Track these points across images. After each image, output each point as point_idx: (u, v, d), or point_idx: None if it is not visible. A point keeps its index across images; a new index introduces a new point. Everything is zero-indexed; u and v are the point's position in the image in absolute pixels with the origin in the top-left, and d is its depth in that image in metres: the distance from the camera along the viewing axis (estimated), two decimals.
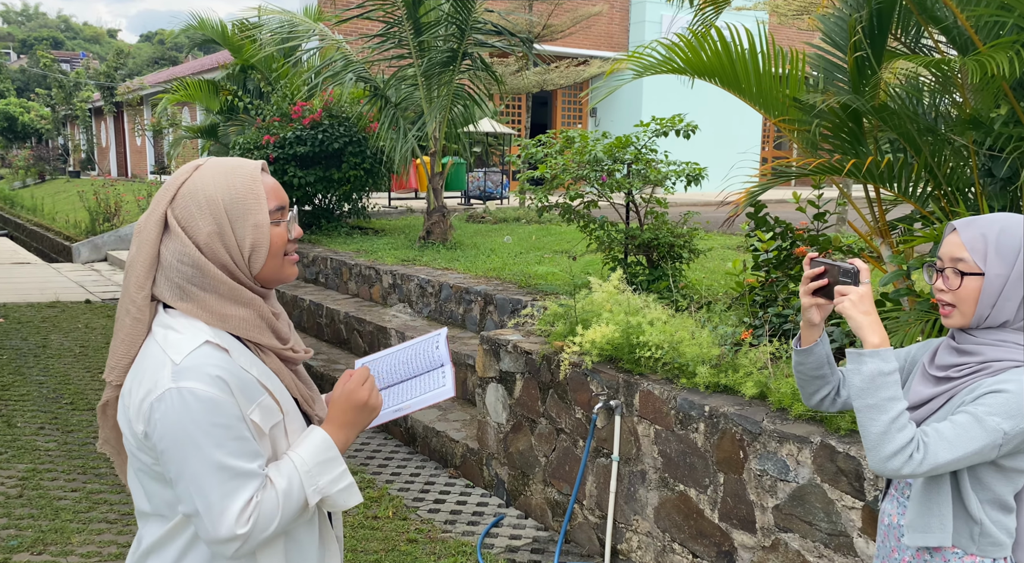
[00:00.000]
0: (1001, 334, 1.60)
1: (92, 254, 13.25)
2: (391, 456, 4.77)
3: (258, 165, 1.41)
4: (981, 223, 1.62)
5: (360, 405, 1.42)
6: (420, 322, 5.99)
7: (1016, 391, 1.51)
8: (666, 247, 5.23)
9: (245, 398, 1.29)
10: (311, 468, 1.33)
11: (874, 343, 1.54)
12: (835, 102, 2.99)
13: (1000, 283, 1.57)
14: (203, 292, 1.33)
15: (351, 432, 1.42)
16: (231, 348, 1.32)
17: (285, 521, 1.31)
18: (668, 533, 3.29)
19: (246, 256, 1.35)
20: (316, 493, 1.33)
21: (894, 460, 1.50)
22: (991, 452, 1.51)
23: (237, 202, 1.34)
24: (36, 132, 32.64)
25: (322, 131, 8.54)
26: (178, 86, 9.67)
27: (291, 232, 1.42)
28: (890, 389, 1.53)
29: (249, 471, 1.27)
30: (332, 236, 8.87)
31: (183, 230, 1.32)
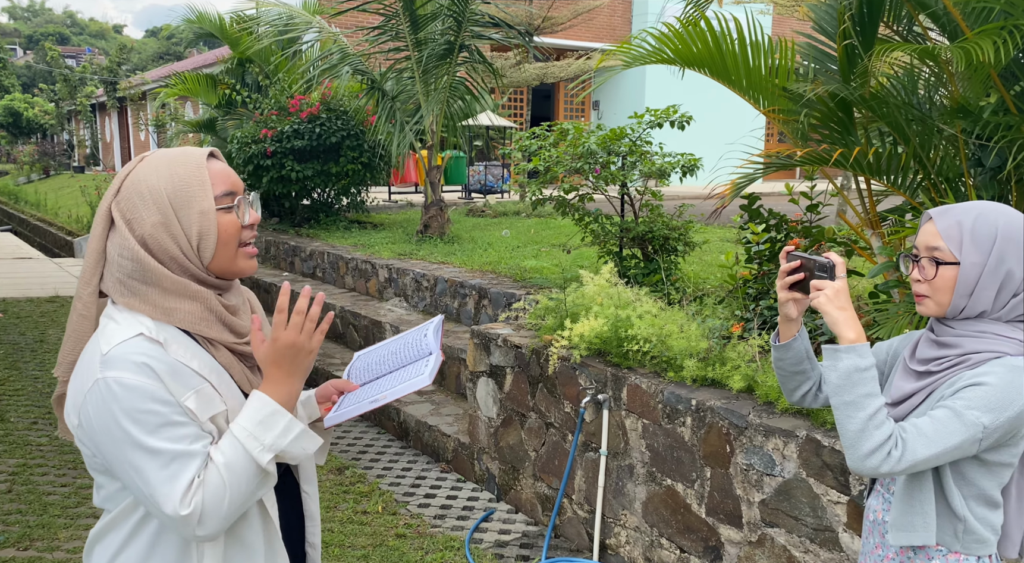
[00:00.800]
0: (980, 325, 1.56)
1: None
2: (384, 450, 4.75)
3: (204, 152, 1.37)
4: (957, 211, 1.58)
5: (287, 348, 1.32)
6: (415, 316, 5.96)
7: (996, 383, 1.47)
8: (660, 240, 5.19)
9: (178, 385, 1.26)
10: (252, 430, 1.29)
11: (850, 339, 1.51)
12: (823, 91, 2.94)
13: (976, 272, 1.53)
14: (145, 286, 1.30)
15: (290, 382, 1.34)
16: (169, 341, 1.29)
17: (240, 492, 1.27)
18: (656, 528, 3.26)
19: (195, 245, 1.32)
20: (266, 451, 1.29)
21: (872, 458, 1.46)
22: (971, 447, 1.47)
23: (181, 190, 1.31)
24: (41, 128, 32.73)
25: (320, 125, 8.51)
26: (176, 80, 9.65)
27: (244, 218, 1.38)
28: (867, 385, 1.49)
29: (187, 452, 1.24)
30: (330, 230, 8.85)
31: (126, 224, 1.30)
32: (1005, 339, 1.54)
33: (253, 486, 1.29)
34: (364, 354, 1.69)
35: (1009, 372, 1.49)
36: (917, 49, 2.35)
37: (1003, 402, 1.46)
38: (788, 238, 3.97)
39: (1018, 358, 1.51)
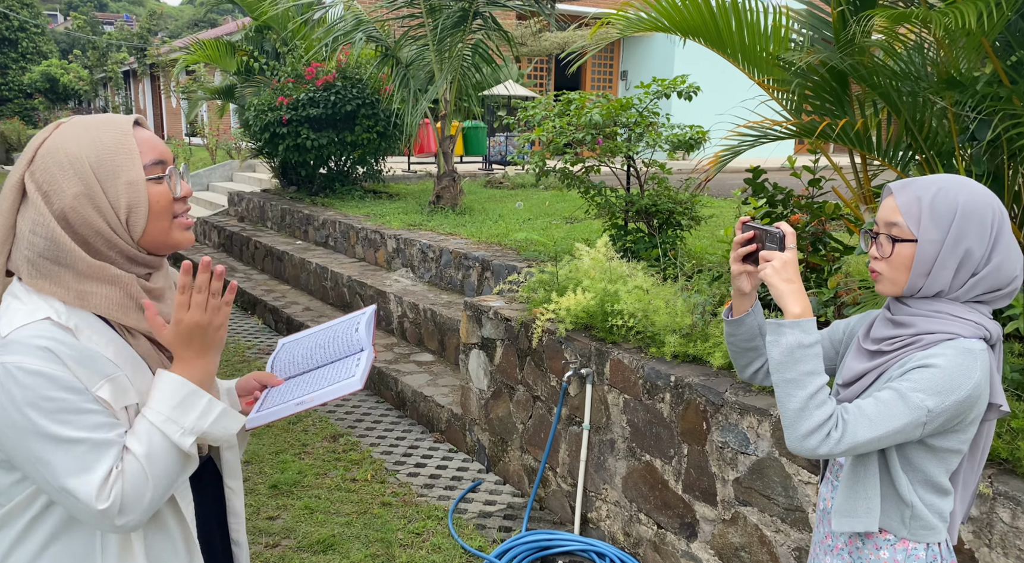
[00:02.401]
0: (936, 304, 1.49)
1: None
2: (380, 419, 4.79)
3: (129, 119, 1.29)
4: (918, 185, 1.50)
5: (192, 328, 1.24)
6: (420, 287, 5.97)
7: (944, 366, 1.41)
8: (665, 214, 5.11)
9: (89, 372, 1.18)
10: (168, 414, 1.21)
11: (795, 313, 1.45)
12: (815, 60, 2.84)
13: (934, 250, 1.45)
14: (58, 267, 1.21)
15: (203, 361, 1.26)
16: (82, 327, 1.21)
17: (163, 481, 1.20)
18: (635, 503, 3.25)
19: (123, 219, 1.23)
20: (187, 435, 1.22)
21: (810, 438, 1.42)
22: (915, 430, 1.42)
23: (106, 159, 1.22)
24: (76, 94, 33.20)
25: (335, 93, 8.49)
26: (196, 47, 9.67)
27: (176, 190, 1.29)
28: (809, 363, 1.44)
29: (103, 441, 1.17)
30: (345, 199, 8.88)
31: (42, 196, 1.20)
32: (960, 320, 1.47)
33: (175, 472, 1.23)
34: (290, 343, 1.60)
35: (960, 355, 1.42)
36: (896, 14, 2.24)
37: (950, 386, 1.40)
38: (791, 213, 3.88)
39: (972, 340, 1.45)
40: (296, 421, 4.68)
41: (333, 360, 1.50)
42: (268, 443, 4.35)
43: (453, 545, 3.37)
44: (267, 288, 7.40)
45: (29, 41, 37.72)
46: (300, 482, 3.90)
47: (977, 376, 1.41)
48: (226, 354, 6.01)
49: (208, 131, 14.57)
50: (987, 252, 1.46)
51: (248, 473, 3.99)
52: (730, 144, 3.03)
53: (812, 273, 3.68)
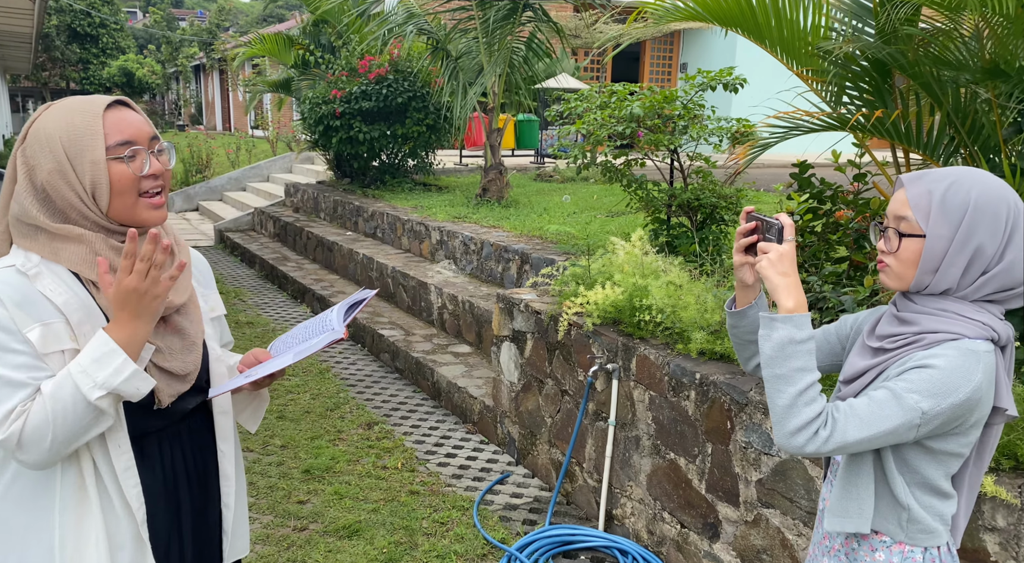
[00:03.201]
0: (942, 302, 1.43)
1: (185, 204, 13.96)
2: (415, 409, 4.84)
3: (104, 101, 1.38)
4: (930, 178, 1.43)
5: (128, 293, 1.31)
6: (461, 279, 6.00)
7: (943, 367, 1.35)
8: (708, 208, 5.00)
9: (25, 315, 1.30)
10: (86, 367, 1.29)
11: (788, 307, 1.41)
12: (852, 49, 2.73)
13: (943, 246, 1.39)
14: (33, 229, 1.37)
15: (135, 324, 1.32)
16: (44, 275, 1.34)
17: (66, 425, 1.28)
18: (659, 501, 3.20)
19: (89, 192, 1.35)
20: (97, 388, 1.28)
21: (798, 436, 1.38)
22: (908, 432, 1.37)
23: (74, 139, 1.34)
24: (150, 87, 34.47)
25: (387, 86, 8.59)
26: (255, 41, 9.91)
27: (143, 168, 1.37)
28: (800, 359, 1.40)
29: (15, 380, 1.28)
30: (395, 191, 8.98)
31: (27, 171, 1.36)
32: (966, 320, 1.41)
33: (83, 421, 1.29)
34: (294, 329, 1.71)
35: (961, 356, 1.36)
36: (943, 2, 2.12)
37: (947, 387, 1.34)
38: (836, 210, 3.75)
39: (976, 341, 1.38)
40: (334, 408, 4.77)
41: (302, 341, 1.58)
42: (305, 429, 4.45)
43: (476, 536, 3.38)
44: (316, 277, 7.55)
45: (109, 37, 39.32)
46: (332, 468, 3.97)
47: (978, 379, 1.35)
48: (271, 339, 6.14)
49: (269, 123, 14.94)
50: (1000, 250, 1.39)
51: (283, 457, 4.08)
52: (766, 136, 2.94)
53: (856, 272, 3.55)
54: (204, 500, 1.59)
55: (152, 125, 1.44)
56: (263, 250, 9.10)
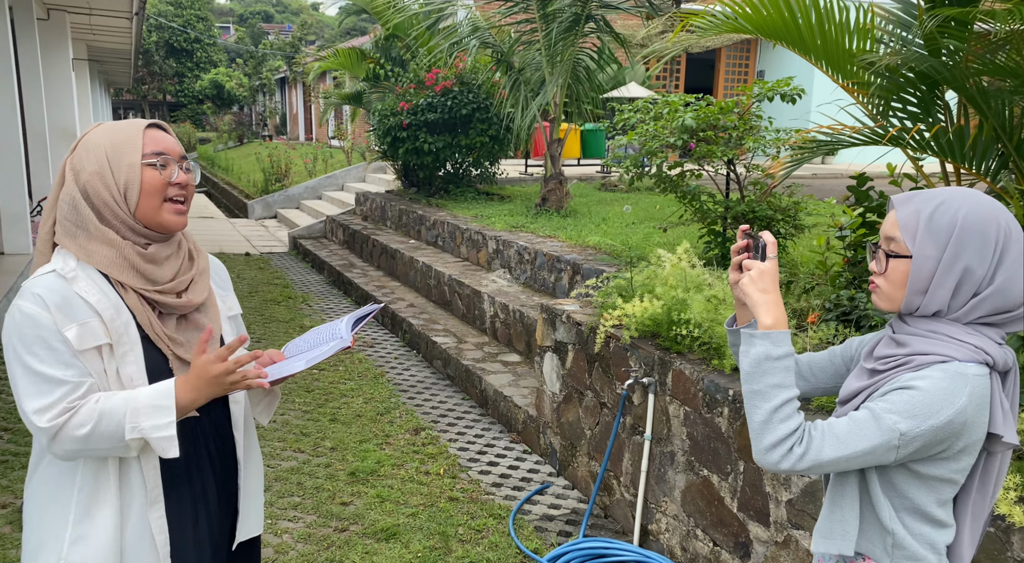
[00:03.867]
0: (934, 324, 1.40)
1: (264, 211, 14.54)
2: (463, 416, 4.92)
3: (145, 122, 1.60)
4: (920, 199, 1.42)
5: (209, 378, 1.51)
6: (515, 288, 6.06)
7: (926, 389, 1.33)
8: (764, 221, 4.91)
9: (64, 316, 1.46)
10: (140, 406, 1.46)
11: (766, 324, 1.42)
12: (894, 61, 2.66)
13: (930, 267, 1.37)
14: (76, 229, 1.53)
15: (197, 395, 1.52)
16: (80, 278, 1.51)
17: (99, 437, 1.45)
18: (692, 518, 3.16)
19: (123, 192, 1.53)
20: (135, 430, 1.45)
21: (773, 452, 1.37)
22: (887, 453, 1.34)
23: (117, 147, 1.54)
24: (237, 99, 36.06)
25: (452, 98, 8.75)
26: (329, 55, 10.27)
27: (171, 176, 1.57)
28: (776, 375, 1.40)
29: (53, 376, 1.44)
30: (458, 201, 9.13)
31: (73, 175, 1.54)
32: (957, 343, 1.38)
33: (111, 445, 1.47)
34: (306, 334, 1.80)
35: (947, 379, 1.33)
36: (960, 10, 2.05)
37: (928, 409, 1.32)
38: None
39: (967, 364, 1.35)
40: (385, 412, 4.89)
41: (312, 348, 1.69)
42: (355, 432, 4.58)
43: (510, 544, 3.41)
44: (379, 284, 7.75)
45: (203, 51, 41.38)
46: (377, 471, 4.08)
47: (961, 402, 1.32)
48: None
49: (345, 134, 15.41)
50: (990, 272, 1.36)
51: (331, 459, 4.22)
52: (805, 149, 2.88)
53: None
54: (221, 483, 1.71)
55: (181, 146, 1.64)
56: (332, 257, 9.39)
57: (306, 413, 4.88)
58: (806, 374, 1.67)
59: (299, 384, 5.39)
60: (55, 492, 1.55)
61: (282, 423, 4.71)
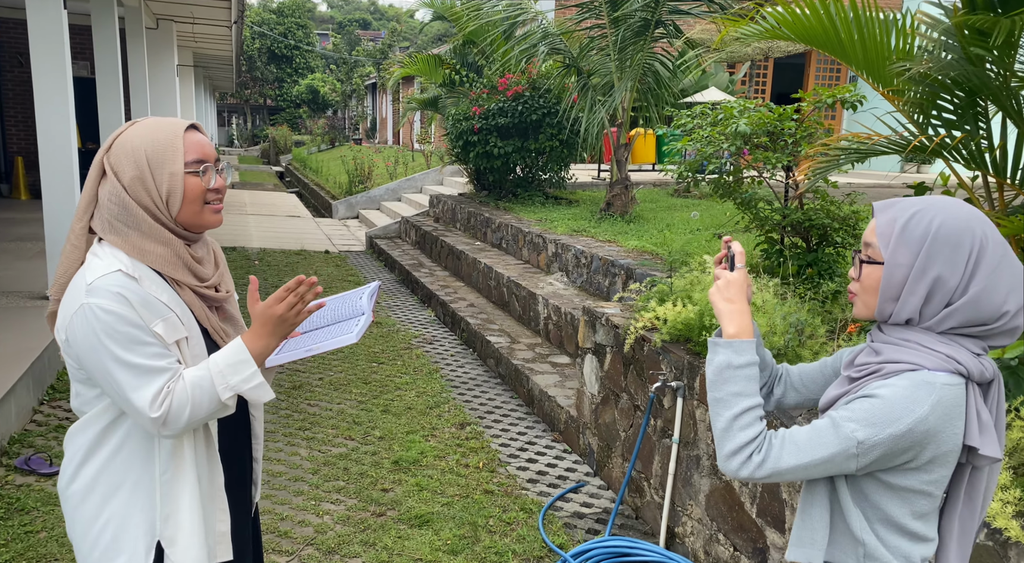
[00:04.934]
0: (907, 333, 1.41)
1: (347, 211, 15.08)
2: (509, 413, 5.03)
3: (184, 124, 1.63)
4: (899, 207, 1.43)
5: (275, 317, 1.57)
6: (570, 291, 6.13)
7: (887, 397, 1.34)
8: (821, 229, 4.83)
9: (149, 313, 1.52)
10: (223, 368, 1.54)
11: (730, 333, 1.47)
12: (928, 69, 2.61)
13: (901, 274, 1.38)
14: (127, 228, 1.57)
15: (269, 340, 1.58)
16: (143, 278, 1.56)
17: (199, 408, 1.54)
18: (715, 522, 3.17)
19: (164, 199, 1.58)
20: (227, 390, 1.54)
21: (732, 460, 1.41)
22: (847, 462, 1.36)
23: (157, 153, 1.57)
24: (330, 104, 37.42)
25: (522, 103, 8.90)
26: (407, 61, 10.60)
27: (210, 182, 1.63)
28: (737, 384, 1.44)
29: (156, 367, 1.51)
30: (526, 204, 9.26)
31: (115, 175, 1.57)
32: (928, 351, 1.38)
33: (211, 409, 1.56)
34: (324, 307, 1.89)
35: (911, 387, 1.34)
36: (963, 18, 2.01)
37: (886, 418, 1.32)
38: None
39: (935, 373, 1.35)
40: (434, 406, 5.06)
41: (339, 321, 1.79)
42: (404, 423, 4.77)
43: (536, 538, 3.50)
44: (443, 284, 7.96)
45: (301, 58, 43.14)
46: (419, 461, 4.25)
47: (923, 411, 1.32)
48: (393, 339, 6.60)
49: (427, 138, 15.82)
50: (963, 282, 1.35)
51: (378, 448, 4.41)
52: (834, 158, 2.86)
53: None
54: (238, 457, 1.84)
55: (215, 148, 1.73)
56: (403, 257, 9.70)
57: (361, 403, 5.10)
58: (797, 385, 1.69)
59: (357, 376, 5.63)
60: (136, 478, 1.63)
61: (337, 412, 4.94)
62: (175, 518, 1.64)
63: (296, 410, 4.95)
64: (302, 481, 3.99)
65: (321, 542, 3.41)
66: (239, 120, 48.31)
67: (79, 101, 10.89)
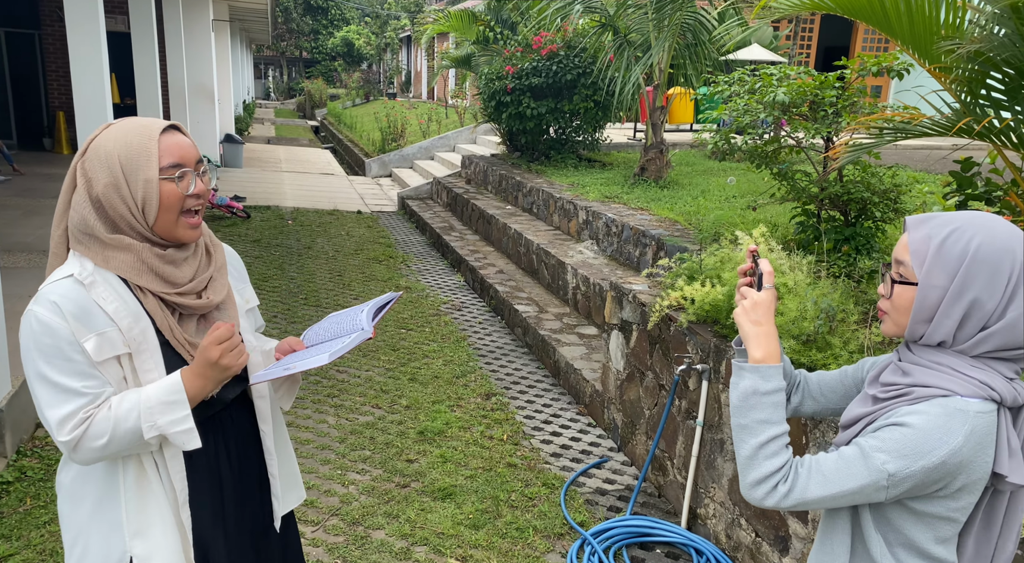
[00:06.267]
0: (939, 356, 1.35)
1: (380, 170, 15.06)
2: (535, 384, 5.04)
3: (160, 125, 1.54)
4: (934, 223, 1.35)
5: (209, 362, 1.50)
6: (600, 260, 6.06)
7: (919, 426, 1.28)
8: (859, 204, 4.67)
9: (82, 326, 1.45)
10: (153, 405, 1.47)
11: (756, 358, 1.41)
12: (975, 47, 2.46)
13: (936, 297, 1.31)
14: (88, 238, 1.51)
15: (205, 383, 1.52)
16: (99, 284, 1.49)
17: (117, 442, 1.47)
18: (738, 507, 3.15)
19: (140, 207, 1.50)
20: (153, 429, 1.46)
21: (758, 489, 1.36)
22: (876, 493, 1.31)
23: (131, 159, 1.49)
24: (365, 57, 37.11)
25: (557, 62, 8.70)
26: (440, 16, 10.41)
27: (188, 188, 1.53)
28: (764, 411, 1.38)
29: (71, 388, 1.44)
30: (558, 167, 9.13)
31: (85, 183, 1.50)
32: (961, 377, 1.32)
33: (133, 445, 1.50)
34: (324, 320, 1.85)
35: (944, 415, 1.28)
36: None
37: (920, 449, 1.27)
38: (1000, 213, 3.40)
39: (970, 401, 1.29)
40: (461, 375, 5.08)
41: (332, 338, 1.73)
42: (430, 392, 4.80)
43: (558, 514, 3.52)
44: (473, 249, 7.93)
45: (336, 9, 42.72)
46: (444, 432, 4.28)
47: (957, 442, 1.26)
48: (422, 305, 6.62)
49: (462, 94, 15.63)
50: (1001, 305, 1.29)
51: (404, 417, 4.46)
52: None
53: None
54: (246, 474, 1.78)
55: (198, 149, 1.62)
56: (434, 219, 9.67)
57: (389, 371, 5.14)
58: (816, 394, 1.64)
59: (386, 343, 5.67)
60: (104, 488, 1.57)
61: (365, 379, 5.00)
62: (146, 534, 1.57)
63: (326, 376, 5.01)
64: (329, 449, 4.05)
65: (346, 512, 3.47)
66: (275, 72, 48.27)
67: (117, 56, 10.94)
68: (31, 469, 3.70)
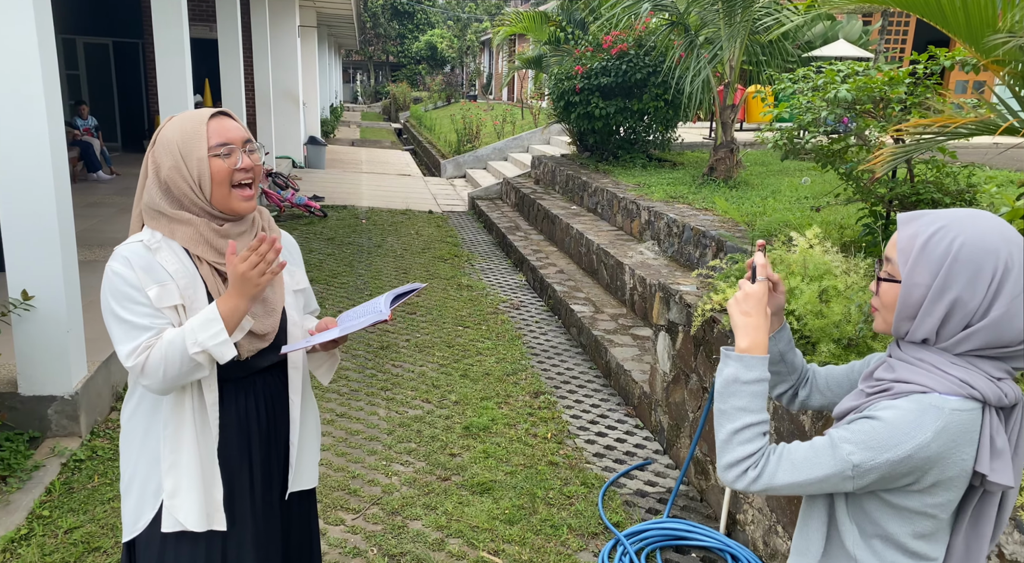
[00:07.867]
0: (921, 352, 1.34)
1: (454, 171, 15.28)
2: (585, 384, 5.02)
3: (209, 113, 1.77)
4: (923, 221, 1.36)
5: (237, 276, 1.68)
6: (660, 261, 5.98)
7: (889, 420, 1.28)
8: (930, 205, 4.46)
9: (147, 276, 1.70)
10: (194, 327, 1.67)
11: (742, 347, 1.44)
12: None
13: (919, 294, 1.31)
14: (157, 214, 1.77)
15: (238, 301, 1.70)
16: (163, 250, 1.75)
17: (173, 366, 1.67)
18: (775, 513, 3.07)
19: (198, 183, 1.74)
20: (195, 345, 1.66)
21: (729, 472, 1.40)
22: (843, 483, 1.31)
23: (186, 142, 1.74)
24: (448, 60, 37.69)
25: (627, 61, 8.63)
26: (513, 18, 10.48)
27: (236, 163, 1.76)
28: (742, 399, 1.41)
29: (138, 324, 1.69)
30: (626, 167, 9.05)
31: (155, 169, 1.76)
32: (940, 374, 1.31)
33: (185, 367, 1.69)
34: (359, 306, 2.01)
35: (917, 411, 1.28)
36: None
37: (887, 442, 1.27)
38: None
39: (946, 397, 1.29)
40: (512, 373, 5.12)
41: (357, 318, 1.89)
42: (480, 389, 4.86)
43: (594, 514, 3.51)
44: (536, 248, 7.96)
45: (422, 13, 43.61)
46: (489, 428, 4.33)
47: (925, 437, 1.26)
48: (481, 303, 6.70)
49: (537, 96, 15.69)
50: (984, 305, 1.28)
51: (452, 412, 4.53)
52: None
53: None
54: (272, 437, 1.95)
55: (247, 131, 1.84)
56: (501, 219, 9.75)
57: (442, 367, 5.23)
58: (822, 388, 1.66)
59: (443, 339, 5.77)
60: (147, 427, 1.82)
61: (419, 374, 5.10)
62: (176, 470, 1.78)
63: (381, 370, 5.14)
64: (376, 441, 4.16)
65: (386, 502, 3.56)
66: (363, 77, 49.63)
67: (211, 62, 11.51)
68: (102, 449, 3.95)
